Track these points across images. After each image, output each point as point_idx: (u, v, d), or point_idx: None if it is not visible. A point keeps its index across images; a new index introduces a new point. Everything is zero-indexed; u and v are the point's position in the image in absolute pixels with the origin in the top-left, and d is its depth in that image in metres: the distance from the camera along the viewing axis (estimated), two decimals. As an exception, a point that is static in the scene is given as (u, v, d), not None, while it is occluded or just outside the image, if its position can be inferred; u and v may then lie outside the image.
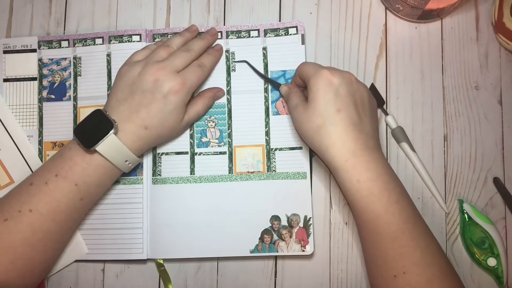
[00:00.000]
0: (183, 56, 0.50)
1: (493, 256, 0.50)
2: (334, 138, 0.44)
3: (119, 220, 0.52)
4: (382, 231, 0.43)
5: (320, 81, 0.45)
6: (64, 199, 0.46)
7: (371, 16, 0.55)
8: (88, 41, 0.56)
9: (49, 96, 0.55)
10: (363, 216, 0.44)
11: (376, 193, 0.43)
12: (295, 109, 0.48)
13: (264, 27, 0.55)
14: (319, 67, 0.47)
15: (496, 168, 0.52)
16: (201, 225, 0.52)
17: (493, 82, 0.53)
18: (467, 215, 0.50)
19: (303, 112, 0.46)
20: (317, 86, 0.45)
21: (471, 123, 0.53)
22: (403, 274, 0.43)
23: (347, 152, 0.44)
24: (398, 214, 0.43)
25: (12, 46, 0.56)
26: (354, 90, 0.46)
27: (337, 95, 0.45)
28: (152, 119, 0.48)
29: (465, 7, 0.55)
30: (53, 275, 0.53)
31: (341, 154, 0.44)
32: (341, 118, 0.44)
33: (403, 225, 0.43)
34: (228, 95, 0.54)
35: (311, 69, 0.47)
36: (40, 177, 0.47)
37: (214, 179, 0.53)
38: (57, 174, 0.47)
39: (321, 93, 0.45)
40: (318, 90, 0.45)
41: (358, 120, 0.45)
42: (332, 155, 0.44)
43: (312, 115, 0.45)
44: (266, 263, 0.52)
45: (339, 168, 0.44)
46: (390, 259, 0.43)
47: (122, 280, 0.53)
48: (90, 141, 0.46)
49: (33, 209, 0.46)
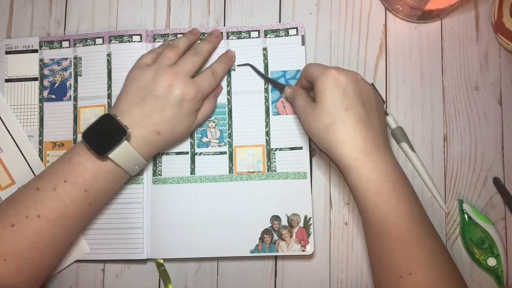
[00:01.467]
0: (193, 60, 0.50)
1: (493, 256, 0.50)
2: (343, 137, 0.44)
3: (119, 220, 0.52)
4: (389, 231, 0.43)
5: (327, 81, 0.45)
6: (73, 205, 0.46)
7: (371, 16, 0.55)
8: (88, 41, 0.56)
9: (50, 96, 0.55)
10: (371, 216, 0.44)
11: (385, 193, 0.43)
12: (303, 110, 0.48)
13: (264, 28, 0.55)
14: (326, 67, 0.46)
15: (496, 168, 0.52)
16: (201, 225, 0.52)
17: (493, 82, 0.53)
18: (467, 215, 0.50)
19: (311, 112, 0.46)
20: (324, 86, 0.45)
21: (471, 123, 0.53)
22: (409, 274, 0.42)
23: (357, 151, 0.44)
24: (405, 215, 0.43)
25: (14, 47, 0.56)
26: (360, 88, 0.46)
27: (344, 94, 0.45)
28: (165, 124, 0.48)
29: (465, 8, 0.55)
30: (53, 275, 0.53)
31: (350, 153, 0.44)
32: (349, 116, 0.44)
33: (410, 225, 0.43)
34: (228, 95, 0.54)
35: (318, 70, 0.47)
36: (47, 182, 0.46)
37: (215, 179, 0.53)
38: (66, 180, 0.46)
39: (329, 92, 0.45)
40: (326, 89, 0.45)
41: (366, 118, 0.45)
42: (342, 153, 0.44)
43: (321, 115, 0.45)
44: (266, 263, 0.52)
45: (348, 167, 0.44)
46: (396, 259, 0.43)
47: (122, 280, 0.53)
48: (102, 147, 0.46)
49: (41, 214, 0.45)
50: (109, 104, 0.54)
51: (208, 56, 0.53)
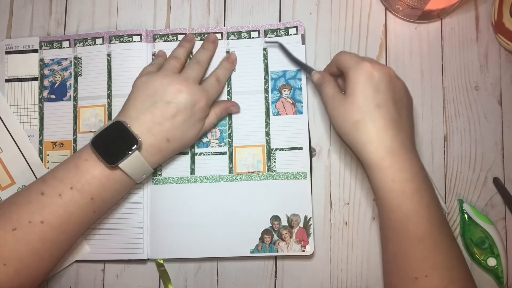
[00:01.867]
0: (197, 68, 0.50)
1: (493, 256, 0.50)
2: (372, 135, 0.43)
3: (119, 220, 0.52)
4: (409, 232, 0.43)
5: (361, 74, 0.44)
6: (77, 212, 0.45)
7: (371, 16, 0.55)
8: (88, 41, 0.56)
9: (50, 96, 0.55)
10: (392, 216, 0.44)
11: (408, 194, 0.43)
12: (331, 100, 0.47)
13: (264, 28, 0.55)
14: (360, 59, 0.45)
15: (496, 168, 0.52)
16: (201, 225, 0.52)
17: (493, 82, 0.53)
18: (467, 215, 0.50)
19: (340, 104, 0.45)
20: (357, 79, 0.44)
21: (471, 123, 0.53)
22: (425, 277, 0.42)
23: (384, 150, 0.43)
24: (427, 217, 0.43)
25: (14, 47, 0.56)
26: (393, 85, 0.45)
27: (377, 90, 0.44)
28: (175, 131, 0.47)
29: (465, 8, 0.55)
30: (53, 275, 0.53)
31: (378, 152, 0.43)
32: (380, 114, 0.43)
33: (430, 228, 0.43)
34: (228, 95, 0.54)
35: (352, 60, 0.45)
36: (53, 188, 0.45)
37: (214, 179, 0.53)
38: (73, 187, 0.45)
39: (361, 86, 0.44)
40: (358, 82, 0.44)
41: (397, 117, 0.44)
42: (369, 152, 0.44)
43: (350, 109, 0.44)
44: (266, 263, 0.52)
45: (374, 166, 0.44)
46: (413, 261, 0.43)
47: (122, 280, 0.53)
48: (113, 157, 0.45)
49: (44, 220, 0.44)
50: (109, 104, 0.54)
51: (208, 64, 0.53)
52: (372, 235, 0.52)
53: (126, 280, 0.53)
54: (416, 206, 0.43)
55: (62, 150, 0.54)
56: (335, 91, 0.47)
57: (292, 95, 0.54)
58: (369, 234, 0.52)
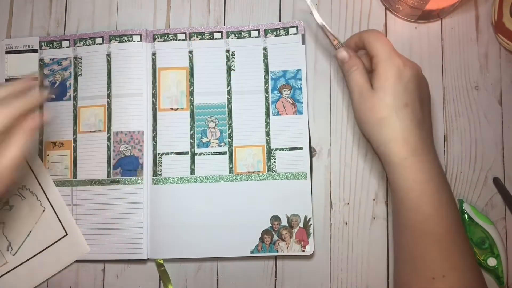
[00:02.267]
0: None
1: (493, 256, 0.50)
2: (396, 134, 0.43)
3: (119, 220, 0.52)
4: (428, 233, 0.43)
5: (392, 70, 0.43)
6: None
7: (371, 16, 0.55)
8: (88, 41, 0.56)
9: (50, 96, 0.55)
10: (411, 215, 0.43)
11: (428, 194, 0.43)
12: (359, 92, 0.45)
13: (265, 27, 0.55)
14: (392, 53, 0.44)
15: (496, 168, 0.52)
16: (201, 225, 0.52)
17: (493, 82, 0.53)
18: (467, 215, 0.50)
19: (367, 98, 0.44)
20: (387, 75, 0.44)
21: (471, 123, 0.53)
22: (442, 277, 0.42)
23: (407, 150, 0.43)
24: (446, 217, 0.43)
25: (14, 47, 0.56)
26: (421, 84, 0.45)
27: (406, 89, 0.43)
28: None
29: (465, 7, 0.55)
30: (53, 275, 0.53)
31: (401, 151, 0.43)
32: (407, 114, 0.43)
33: (449, 228, 0.43)
34: (228, 95, 0.54)
35: (384, 52, 0.44)
36: None
37: (214, 179, 0.53)
38: None
39: (392, 83, 0.43)
40: (388, 79, 0.43)
41: (421, 117, 0.44)
42: (392, 150, 0.43)
43: (378, 105, 0.44)
44: (266, 263, 0.52)
45: (395, 165, 0.43)
46: (430, 261, 0.43)
47: (122, 280, 0.53)
48: None
49: None
50: (108, 104, 0.54)
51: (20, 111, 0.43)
52: (372, 235, 0.52)
53: (126, 280, 0.53)
54: (436, 206, 0.43)
55: (62, 150, 0.54)
56: (363, 81, 0.45)
57: (292, 95, 0.54)
58: (369, 234, 0.52)
